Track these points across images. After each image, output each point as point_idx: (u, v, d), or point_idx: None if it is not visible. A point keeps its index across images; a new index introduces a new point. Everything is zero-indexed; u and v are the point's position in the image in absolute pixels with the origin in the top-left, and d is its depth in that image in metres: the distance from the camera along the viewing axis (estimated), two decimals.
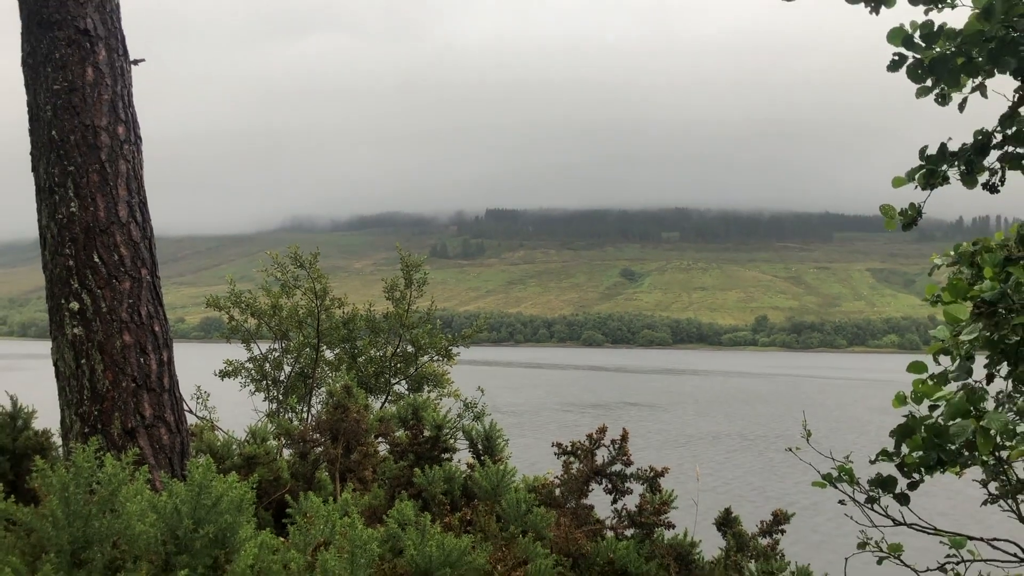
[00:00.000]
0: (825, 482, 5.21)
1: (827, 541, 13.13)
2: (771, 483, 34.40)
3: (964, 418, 3.99)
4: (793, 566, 6.07)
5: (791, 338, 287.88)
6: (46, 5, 6.29)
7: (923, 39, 4.55)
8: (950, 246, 5.29)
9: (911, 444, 4.36)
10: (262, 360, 16.31)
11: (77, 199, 6.14)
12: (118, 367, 6.05)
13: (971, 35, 4.45)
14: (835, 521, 6.69)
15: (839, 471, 5.20)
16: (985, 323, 4.27)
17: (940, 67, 4.56)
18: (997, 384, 4.85)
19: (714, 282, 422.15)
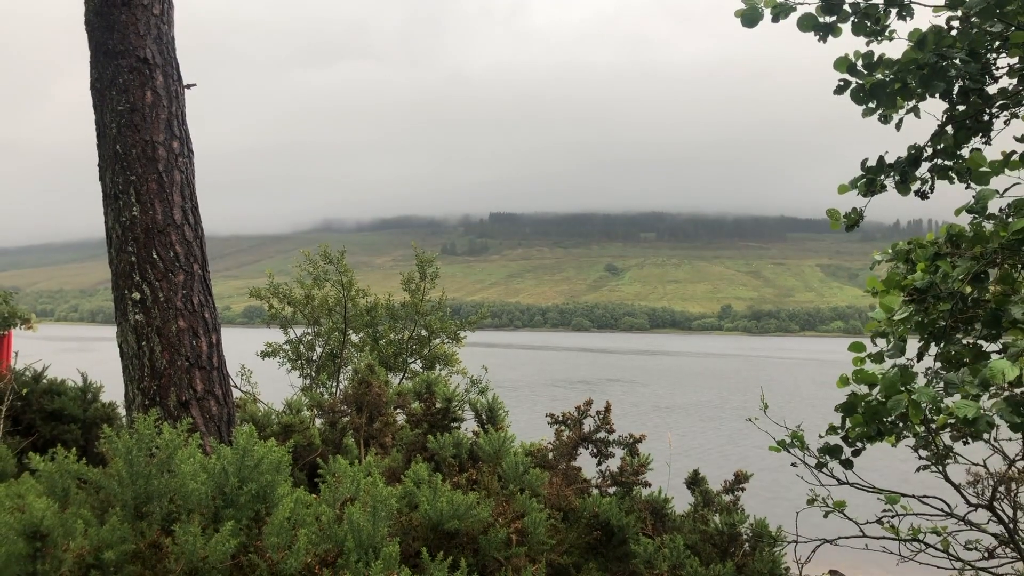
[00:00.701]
0: (779, 447, 5.23)
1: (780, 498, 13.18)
2: (733, 448, 34.42)
3: (897, 393, 4.01)
4: (752, 519, 6.08)
5: (751, 324, 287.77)
6: (111, 37, 6.29)
7: (865, 67, 4.56)
8: (888, 245, 5.30)
9: (854, 420, 4.38)
10: (297, 343, 16.31)
11: (138, 204, 6.15)
12: (174, 348, 6.05)
13: (906, 63, 4.46)
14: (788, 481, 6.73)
15: (792, 438, 5.22)
16: (916, 308, 4.30)
17: (880, 91, 4.57)
18: (926, 364, 4.87)
19: (685, 276, 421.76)
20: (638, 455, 6.76)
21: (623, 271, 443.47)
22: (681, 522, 6.40)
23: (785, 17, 4.46)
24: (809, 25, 4.49)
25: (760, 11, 4.37)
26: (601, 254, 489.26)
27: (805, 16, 4.46)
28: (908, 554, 5.35)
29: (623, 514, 5.99)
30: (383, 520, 3.69)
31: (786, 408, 46.36)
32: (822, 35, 4.54)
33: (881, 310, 4.35)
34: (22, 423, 9.52)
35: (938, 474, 5.17)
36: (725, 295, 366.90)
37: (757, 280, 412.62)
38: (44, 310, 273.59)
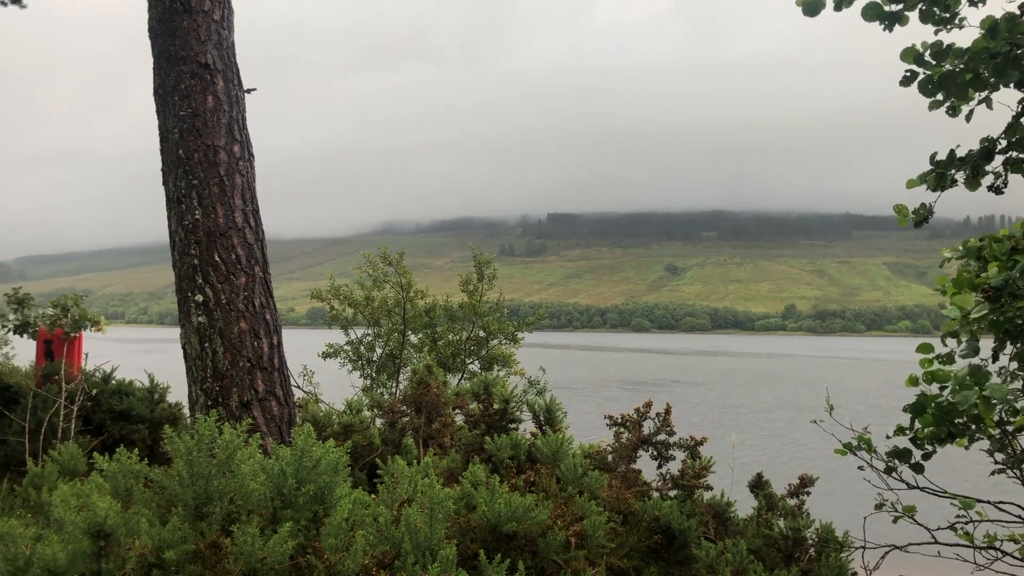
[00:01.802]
0: (846, 450, 5.10)
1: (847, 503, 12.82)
2: (798, 451, 33.75)
3: (967, 389, 3.87)
4: (817, 523, 5.94)
5: (816, 324, 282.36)
6: (173, 43, 6.41)
7: (933, 57, 4.40)
8: (958, 242, 5.12)
9: (923, 420, 4.23)
10: (358, 343, 16.48)
11: (200, 208, 6.25)
12: (236, 350, 6.14)
13: (978, 52, 4.29)
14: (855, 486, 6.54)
15: (859, 440, 5.08)
16: (991, 307, 4.13)
17: (949, 82, 4.40)
18: (1001, 364, 4.69)
19: (748, 275, 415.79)
20: (700, 458, 6.65)
21: (684, 271, 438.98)
22: (744, 526, 6.28)
23: (848, 6, 4.33)
24: (874, 14, 4.35)
25: (822, 0, 4.25)
26: (661, 254, 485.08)
27: (870, 5, 4.32)
28: (984, 562, 5.15)
29: (684, 518, 5.90)
30: (440, 522, 3.68)
31: (852, 410, 45.34)
32: (887, 24, 4.39)
33: (954, 309, 4.20)
34: (92, 423, 9.78)
35: (1016, 479, 4.97)
36: (789, 294, 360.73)
37: (822, 279, 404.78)
38: (115, 312, 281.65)
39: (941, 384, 4.30)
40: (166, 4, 6.43)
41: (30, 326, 10.57)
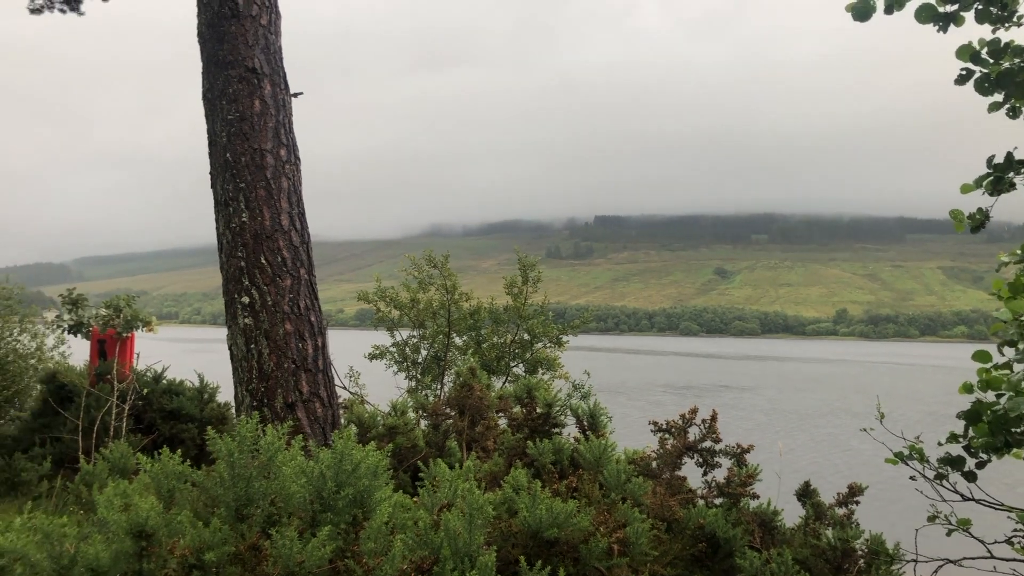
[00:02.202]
0: (897, 459, 4.97)
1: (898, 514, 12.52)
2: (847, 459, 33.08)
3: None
4: (867, 534, 5.79)
5: (868, 328, 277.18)
6: (221, 48, 6.48)
7: (990, 54, 4.26)
8: (1016, 246, 4.95)
9: (978, 429, 4.09)
10: (403, 345, 16.56)
11: (247, 210, 6.31)
12: (281, 351, 6.19)
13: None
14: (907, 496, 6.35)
15: (910, 450, 4.95)
16: None
17: (1007, 80, 4.26)
18: None
19: (798, 279, 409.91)
20: (746, 465, 6.54)
21: (733, 274, 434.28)
22: (791, 536, 6.15)
23: (900, 8, 4.21)
24: (928, 16, 4.22)
25: (873, 4, 4.14)
26: (710, 257, 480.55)
27: (924, 6, 4.19)
28: None
29: (730, 526, 5.80)
30: (480, 528, 3.65)
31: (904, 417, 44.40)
32: (942, 25, 4.26)
33: (1007, 311, 4.06)
34: (143, 421, 9.96)
35: None
36: (840, 299, 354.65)
37: (874, 283, 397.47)
38: (169, 312, 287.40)
39: (997, 391, 4.16)
40: (215, 9, 6.52)
41: (84, 326, 10.82)
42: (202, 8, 6.63)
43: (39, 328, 16.52)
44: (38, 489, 8.35)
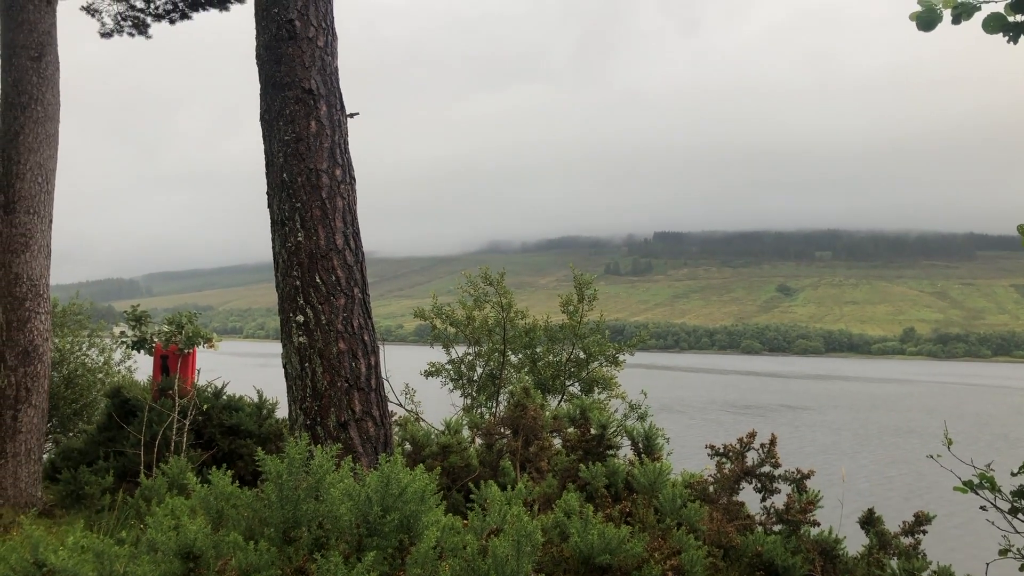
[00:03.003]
0: (966, 488, 4.77)
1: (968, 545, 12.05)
2: (914, 485, 32.05)
3: None
4: (934, 566, 5.57)
5: (937, 348, 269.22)
6: (279, 70, 6.58)
7: None
8: None
9: None
10: (459, 362, 16.58)
11: (303, 230, 6.38)
12: (334, 370, 6.22)
13: None
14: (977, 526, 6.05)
15: (980, 478, 4.74)
16: None
17: None
18: None
19: (864, 297, 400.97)
20: (806, 491, 6.36)
21: (796, 291, 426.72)
22: (854, 565, 5.96)
23: (968, 18, 4.05)
24: (997, 25, 4.05)
25: (939, 12, 3.98)
26: (773, 274, 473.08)
27: (992, 16, 4.03)
28: None
29: (789, 554, 5.64)
30: (528, 555, 3.58)
31: (975, 442, 42.95)
32: (1012, 36, 4.08)
33: None
34: (203, 436, 10.13)
35: None
36: (908, 317, 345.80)
37: (943, 301, 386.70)
38: (233, 327, 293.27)
39: None
40: (272, 32, 6.62)
41: (147, 342, 11.06)
42: (260, 31, 6.74)
43: (107, 343, 16.98)
44: (101, 502, 8.53)
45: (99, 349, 16.78)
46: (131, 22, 15.72)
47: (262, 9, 6.75)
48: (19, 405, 9.18)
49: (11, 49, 9.78)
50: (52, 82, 10.00)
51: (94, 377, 16.03)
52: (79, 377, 15.74)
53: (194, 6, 15.62)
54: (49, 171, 9.82)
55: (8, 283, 9.30)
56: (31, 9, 9.78)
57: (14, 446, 9.12)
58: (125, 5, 15.36)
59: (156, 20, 15.85)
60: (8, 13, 9.76)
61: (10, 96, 9.68)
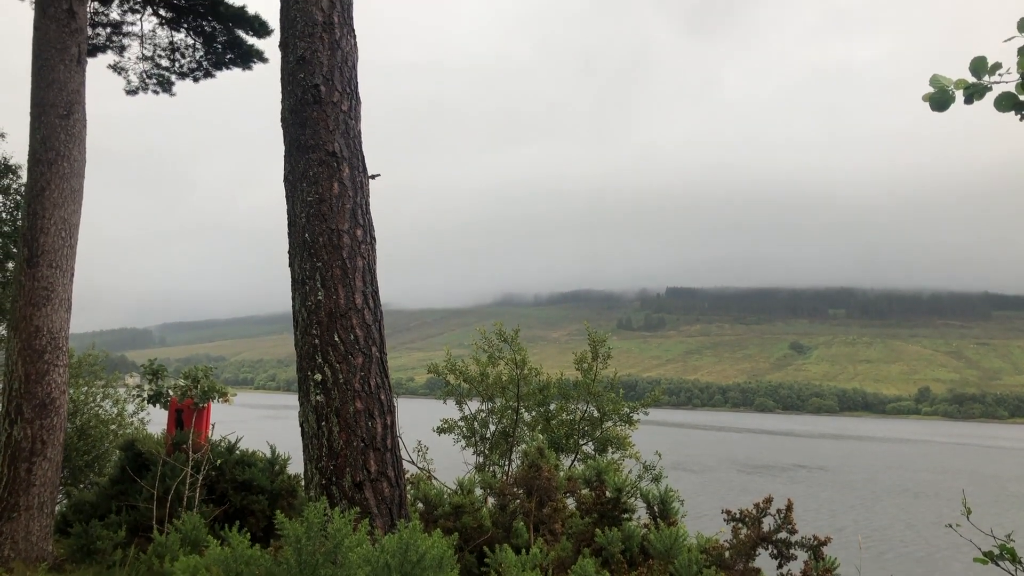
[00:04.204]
0: (986, 559, 4.72)
1: None
2: (932, 553, 31.41)
3: None
4: None
5: (953, 408, 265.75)
6: (303, 133, 6.74)
7: None
8: None
9: None
10: (472, 419, 16.53)
11: (323, 289, 6.47)
12: (351, 429, 6.25)
13: None
14: None
15: (1001, 549, 4.70)
16: None
17: None
18: None
19: (878, 355, 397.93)
20: (823, 559, 6.30)
21: (810, 349, 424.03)
22: None
23: (980, 98, 4.14)
24: (1008, 104, 4.15)
25: (951, 93, 4.08)
26: (786, 331, 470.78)
27: (1003, 95, 4.12)
28: None
29: None
30: None
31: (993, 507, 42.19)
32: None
33: None
34: (216, 491, 10.11)
35: None
36: (923, 376, 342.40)
37: (958, 361, 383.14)
38: (245, 378, 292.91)
39: None
40: (298, 96, 6.80)
41: (163, 396, 11.12)
42: (286, 95, 6.92)
43: (121, 393, 17.05)
44: (112, 557, 8.51)
45: (113, 400, 16.85)
46: (156, 80, 16.12)
47: (288, 74, 6.94)
48: (34, 458, 9.22)
49: (40, 107, 10.03)
50: (79, 139, 10.23)
51: (107, 428, 16.08)
52: (92, 428, 15.79)
53: (217, 65, 16.02)
54: (73, 225, 10.00)
55: (28, 335, 9.41)
56: (62, 69, 10.06)
57: (27, 499, 9.14)
58: (151, 64, 15.77)
59: (180, 78, 16.26)
60: (40, 73, 10.03)
61: (38, 152, 9.91)
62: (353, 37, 7.29)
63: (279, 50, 7.20)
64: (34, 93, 10.11)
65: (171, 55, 15.77)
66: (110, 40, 15.61)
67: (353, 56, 7.21)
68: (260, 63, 15.62)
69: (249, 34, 15.15)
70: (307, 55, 6.85)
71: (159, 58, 15.74)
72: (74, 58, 10.22)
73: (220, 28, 15.19)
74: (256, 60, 15.54)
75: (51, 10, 10.17)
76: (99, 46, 15.49)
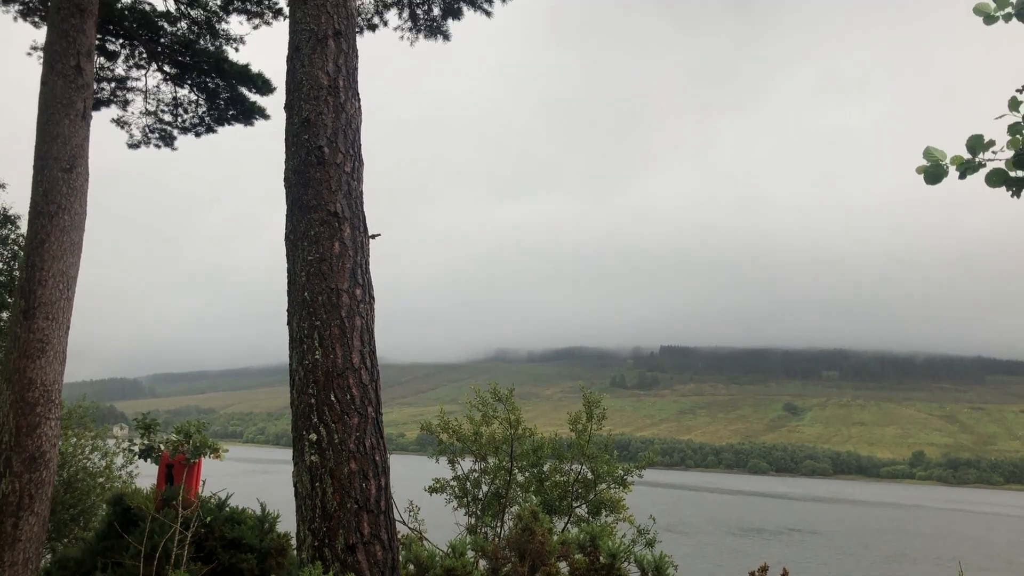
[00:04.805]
0: None
1: None
2: None
3: None
4: None
5: (947, 473, 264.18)
6: (306, 193, 6.83)
7: None
8: None
9: None
10: (464, 479, 16.40)
11: (320, 348, 6.49)
12: (344, 491, 6.22)
13: None
14: None
15: None
16: None
17: None
18: None
19: (872, 418, 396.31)
20: None
21: (804, 411, 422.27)
22: None
23: (973, 172, 4.25)
24: (999, 180, 4.25)
25: (944, 168, 4.19)
26: (780, 392, 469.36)
27: (994, 172, 4.23)
28: None
29: None
30: None
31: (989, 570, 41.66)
32: (1015, 191, 4.28)
33: None
34: (204, 549, 9.96)
35: None
36: (917, 440, 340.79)
37: (953, 425, 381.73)
38: (234, 431, 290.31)
39: None
40: (302, 157, 6.91)
41: (154, 451, 11.03)
42: (290, 155, 7.03)
43: (110, 446, 16.90)
44: None
45: (101, 453, 16.69)
46: (159, 135, 16.33)
47: (293, 135, 7.06)
48: (21, 512, 9.12)
49: (44, 160, 10.14)
50: (81, 192, 10.32)
51: (94, 482, 15.89)
52: (79, 482, 15.61)
53: (220, 121, 16.26)
54: (71, 278, 10.04)
55: (21, 388, 9.37)
56: (67, 124, 10.19)
57: (12, 555, 9.02)
58: (154, 119, 15.99)
59: (183, 133, 16.48)
60: (44, 127, 10.16)
61: (39, 205, 9.98)
62: (357, 100, 7.43)
63: (284, 112, 7.33)
64: (38, 146, 10.22)
65: (174, 110, 16.00)
66: (114, 94, 15.85)
67: (357, 119, 7.34)
68: (262, 119, 15.85)
69: (252, 91, 15.40)
70: (312, 117, 6.98)
71: (162, 113, 15.97)
72: (79, 113, 10.36)
73: (224, 85, 15.44)
74: (258, 117, 15.78)
75: (59, 66, 10.34)
76: (103, 100, 15.71)
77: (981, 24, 4.29)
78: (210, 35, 15.16)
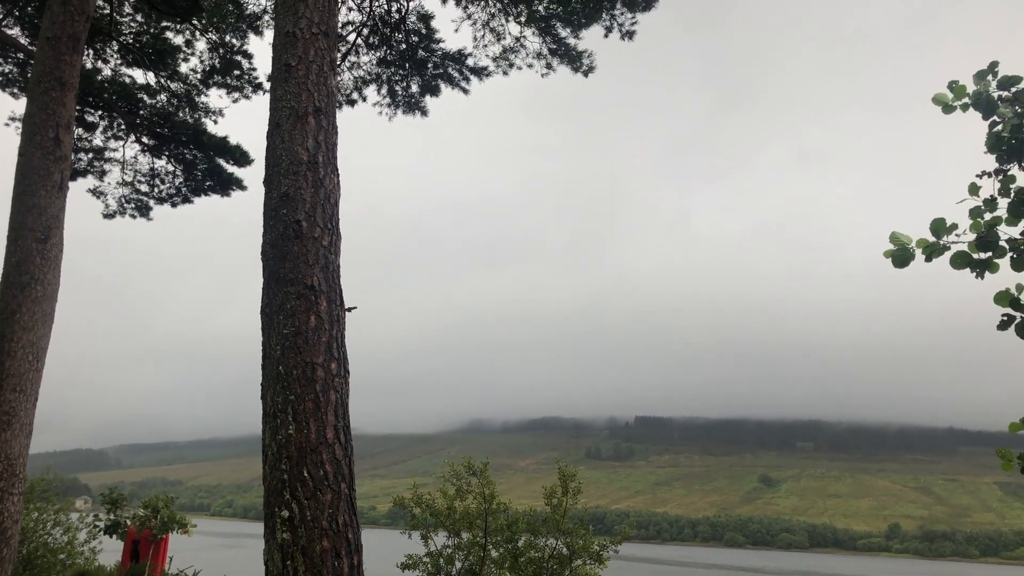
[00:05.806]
0: None
1: None
2: None
3: None
4: None
5: (923, 546, 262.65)
6: (283, 267, 6.86)
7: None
8: None
9: None
10: (437, 555, 16.12)
11: (294, 423, 6.43)
12: (316, 569, 6.09)
13: None
14: None
15: None
16: None
17: None
18: None
19: (847, 490, 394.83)
20: None
21: (779, 482, 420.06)
22: None
23: (939, 255, 4.38)
24: (963, 262, 4.38)
25: (911, 251, 4.31)
26: (755, 463, 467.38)
27: (958, 254, 4.37)
28: None
29: None
30: None
31: None
32: (979, 272, 4.41)
33: None
34: None
35: None
36: (892, 512, 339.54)
37: (927, 497, 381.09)
38: (201, 504, 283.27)
39: None
40: (280, 231, 6.95)
41: (120, 527, 10.80)
42: (268, 229, 7.08)
43: (72, 520, 16.46)
44: None
45: (63, 528, 16.24)
46: (134, 205, 16.37)
47: (271, 210, 7.11)
48: None
49: (18, 231, 10.11)
50: (55, 263, 10.28)
51: (55, 559, 15.41)
52: (39, 558, 15.12)
53: (196, 191, 16.34)
54: (41, 349, 9.93)
55: None
56: (43, 195, 10.20)
57: None
58: (130, 189, 16.05)
59: (159, 203, 16.52)
60: (20, 198, 10.17)
61: (11, 276, 9.92)
62: (336, 175, 7.53)
63: (263, 186, 7.39)
64: (13, 216, 10.21)
65: (151, 180, 16.06)
66: (92, 165, 15.93)
67: (336, 193, 7.42)
68: (239, 190, 15.93)
69: (230, 163, 15.53)
70: (291, 192, 7.05)
71: (139, 183, 16.03)
72: (56, 184, 10.39)
73: (201, 156, 15.57)
74: (235, 187, 15.87)
75: (37, 137, 10.40)
76: (80, 170, 15.77)
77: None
78: (189, 107, 15.34)
